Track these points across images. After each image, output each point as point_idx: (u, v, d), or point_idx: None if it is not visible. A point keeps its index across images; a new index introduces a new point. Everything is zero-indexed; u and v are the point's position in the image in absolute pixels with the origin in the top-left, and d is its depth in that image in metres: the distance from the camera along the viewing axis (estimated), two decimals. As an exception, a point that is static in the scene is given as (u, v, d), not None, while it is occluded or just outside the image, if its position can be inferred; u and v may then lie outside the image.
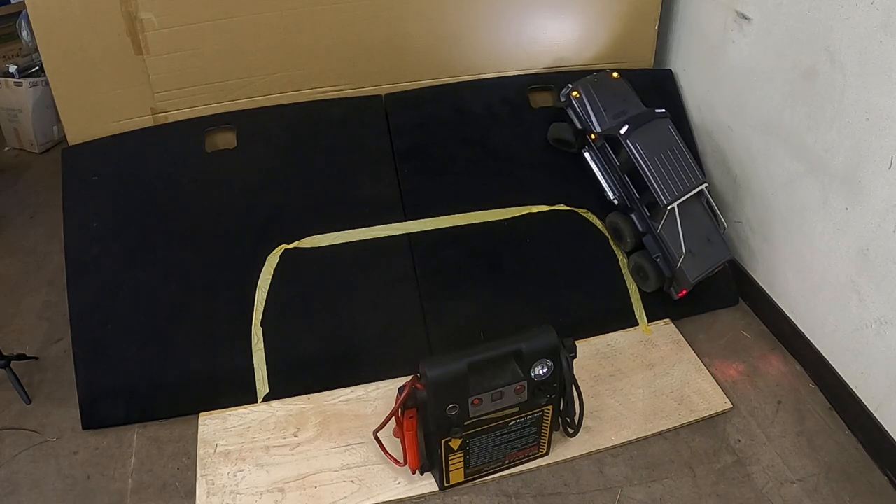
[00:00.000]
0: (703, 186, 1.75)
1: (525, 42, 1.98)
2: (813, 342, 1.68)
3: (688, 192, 1.71)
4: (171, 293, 1.66)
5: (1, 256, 2.12)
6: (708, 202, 1.79)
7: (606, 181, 1.84)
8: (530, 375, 1.32)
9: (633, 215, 1.79)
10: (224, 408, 1.59)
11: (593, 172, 1.86)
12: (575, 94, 1.81)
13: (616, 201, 1.83)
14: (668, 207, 1.68)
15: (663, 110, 1.79)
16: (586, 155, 1.86)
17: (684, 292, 1.76)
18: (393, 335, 1.69)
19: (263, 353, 1.63)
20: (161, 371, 1.60)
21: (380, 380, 1.65)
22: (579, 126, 1.82)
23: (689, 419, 1.58)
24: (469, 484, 1.45)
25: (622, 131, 1.72)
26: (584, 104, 1.80)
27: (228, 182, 1.78)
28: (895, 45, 1.31)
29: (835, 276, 1.58)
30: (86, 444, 1.55)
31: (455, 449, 1.37)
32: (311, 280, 1.70)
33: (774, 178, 1.73)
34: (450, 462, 1.39)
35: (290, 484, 1.44)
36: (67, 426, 1.59)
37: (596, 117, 1.79)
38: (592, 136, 1.81)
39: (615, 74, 1.87)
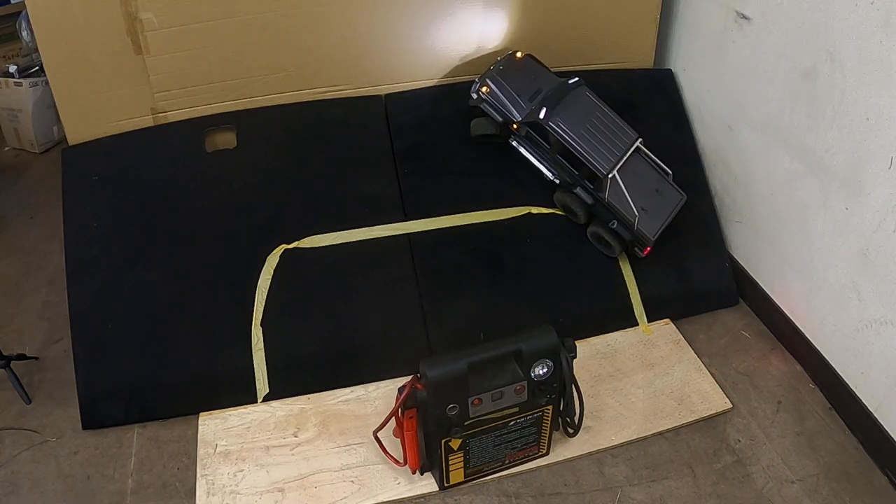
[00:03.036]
0: (637, 143, 1.74)
1: (525, 42, 1.97)
2: (813, 342, 1.68)
3: (624, 155, 1.71)
4: (171, 293, 1.66)
5: (1, 256, 2.12)
6: (646, 154, 1.78)
7: (542, 164, 1.82)
8: (530, 375, 1.32)
9: (577, 190, 1.78)
10: (224, 408, 1.59)
11: (526, 159, 1.84)
12: (484, 89, 1.79)
13: (557, 180, 1.81)
14: (609, 176, 1.68)
15: (577, 79, 1.78)
16: (514, 143, 1.84)
17: (648, 249, 1.76)
18: (393, 335, 1.69)
19: (263, 353, 1.63)
20: (161, 371, 1.60)
21: (380, 380, 1.65)
22: (500, 119, 1.80)
23: (689, 419, 1.58)
24: (469, 484, 1.46)
25: (541, 116, 1.70)
26: (497, 96, 1.78)
27: (228, 182, 1.78)
28: (895, 45, 1.31)
29: (835, 276, 1.58)
30: (86, 444, 1.55)
31: (455, 449, 1.37)
32: (311, 280, 1.70)
33: (774, 178, 1.73)
34: (450, 462, 1.39)
35: (290, 484, 1.44)
36: (67, 426, 1.59)
37: (513, 106, 1.77)
38: (515, 126, 1.80)
39: (518, 54, 1.85)
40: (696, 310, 1.87)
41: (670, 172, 1.81)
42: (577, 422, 1.47)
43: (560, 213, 1.86)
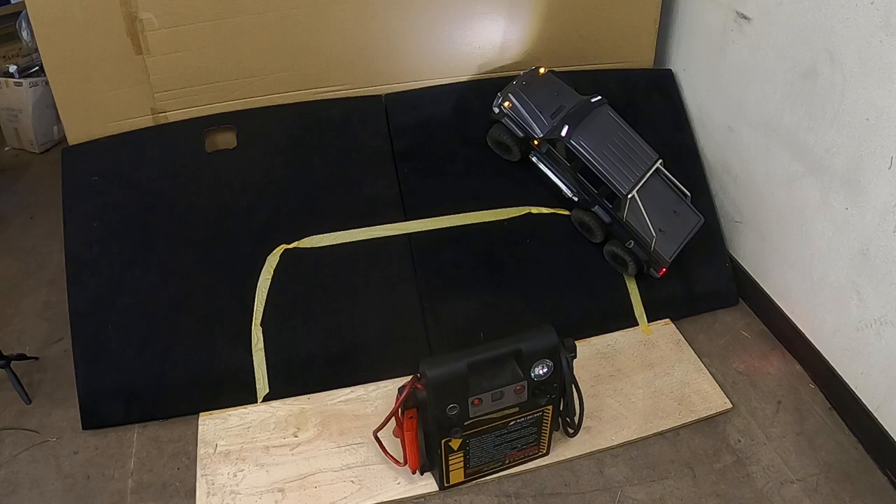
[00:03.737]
0: (657, 164, 1.74)
1: (525, 42, 1.98)
2: (813, 342, 1.68)
3: (644, 176, 1.71)
4: (171, 293, 1.66)
5: (1, 256, 2.12)
6: (666, 176, 1.78)
7: (561, 181, 1.82)
8: (530, 375, 1.32)
9: (595, 209, 1.77)
10: (224, 408, 1.59)
11: (546, 175, 1.83)
12: (507, 104, 1.78)
13: (576, 198, 1.81)
14: (629, 196, 1.68)
15: (599, 97, 1.78)
16: (534, 159, 1.84)
17: (664, 270, 1.76)
18: (393, 335, 1.69)
19: (263, 353, 1.63)
20: (161, 371, 1.60)
21: (380, 380, 1.65)
22: (521, 134, 1.79)
23: (689, 419, 1.58)
24: (469, 484, 1.45)
25: (563, 134, 1.70)
26: (520, 111, 1.77)
27: (228, 182, 1.78)
28: (895, 45, 1.31)
29: (835, 276, 1.58)
30: (86, 444, 1.55)
31: (455, 449, 1.37)
32: (311, 280, 1.70)
33: (774, 178, 1.73)
34: (450, 462, 1.39)
35: (290, 484, 1.44)
36: (67, 426, 1.59)
37: (534, 122, 1.77)
38: (535, 143, 1.79)
39: (541, 70, 1.85)
40: (696, 310, 1.87)
41: (689, 194, 1.81)
42: (577, 422, 1.47)
43: (560, 212, 1.86)
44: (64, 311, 1.66)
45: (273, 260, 1.70)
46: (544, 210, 1.85)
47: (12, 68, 2.50)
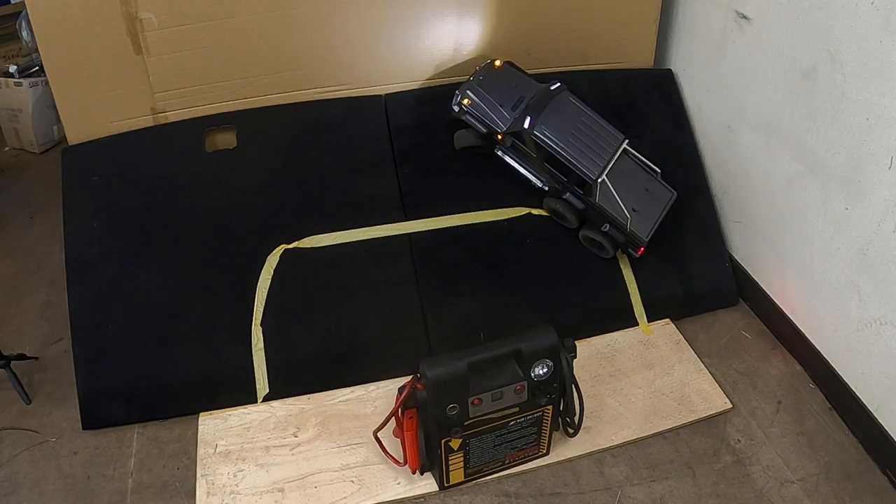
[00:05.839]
0: (624, 145, 1.74)
1: (525, 42, 1.98)
2: (813, 342, 1.68)
3: (612, 159, 1.70)
4: (171, 293, 1.66)
5: (1, 256, 2.12)
6: (634, 155, 1.77)
7: (529, 172, 1.80)
8: (530, 375, 1.32)
9: (566, 196, 1.77)
10: (224, 408, 1.59)
11: (514, 168, 1.82)
12: (466, 101, 1.77)
13: (546, 188, 1.80)
14: (599, 181, 1.68)
15: (558, 84, 1.77)
16: (499, 153, 1.82)
17: (642, 249, 1.76)
18: (393, 335, 1.69)
19: (263, 353, 1.63)
20: (161, 371, 1.60)
21: (380, 380, 1.65)
22: (484, 130, 1.78)
23: (689, 419, 1.58)
24: (469, 484, 1.46)
25: (526, 125, 1.69)
26: (480, 107, 1.76)
27: (228, 182, 1.78)
28: (895, 45, 1.31)
29: (835, 276, 1.58)
30: (86, 444, 1.55)
31: (455, 449, 1.37)
32: (311, 280, 1.70)
33: (774, 178, 1.73)
34: (450, 462, 1.39)
35: (290, 484, 1.44)
36: (67, 426, 1.59)
37: (496, 116, 1.75)
38: (499, 137, 1.78)
39: (497, 63, 1.84)
40: (696, 310, 1.87)
41: (658, 171, 1.80)
42: (577, 422, 1.46)
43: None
44: (64, 311, 1.66)
45: (273, 260, 1.71)
46: (545, 212, 1.85)
47: (12, 68, 2.50)
